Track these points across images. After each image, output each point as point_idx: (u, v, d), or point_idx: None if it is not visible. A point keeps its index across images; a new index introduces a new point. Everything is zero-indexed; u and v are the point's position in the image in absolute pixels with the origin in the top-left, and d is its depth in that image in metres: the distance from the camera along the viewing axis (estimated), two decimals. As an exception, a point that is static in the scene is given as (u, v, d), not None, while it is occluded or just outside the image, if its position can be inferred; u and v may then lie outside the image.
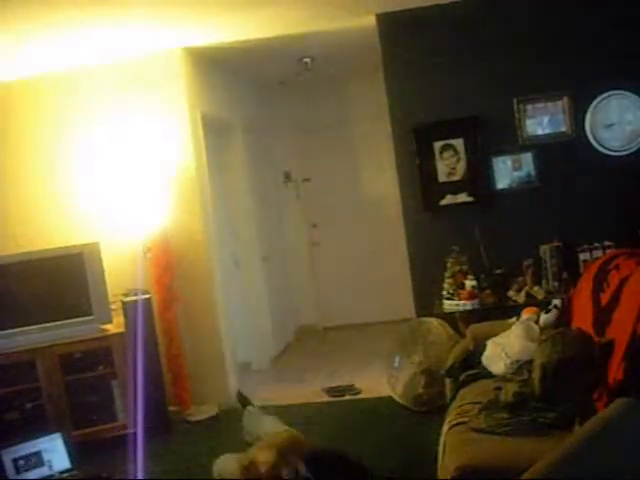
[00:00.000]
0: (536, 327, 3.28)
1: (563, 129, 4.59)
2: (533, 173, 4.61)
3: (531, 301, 4.13)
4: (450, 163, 4.69)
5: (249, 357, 6.06)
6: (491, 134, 4.61)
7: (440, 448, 2.72)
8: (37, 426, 4.00)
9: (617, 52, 4.46)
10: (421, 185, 4.71)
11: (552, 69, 4.56)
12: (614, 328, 2.65)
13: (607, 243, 4.31)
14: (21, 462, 3.63)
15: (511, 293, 4.36)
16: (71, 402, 4.24)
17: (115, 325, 4.43)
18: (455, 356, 3.61)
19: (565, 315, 3.30)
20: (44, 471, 3.66)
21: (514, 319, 3.56)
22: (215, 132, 5.64)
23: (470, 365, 3.39)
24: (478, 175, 4.65)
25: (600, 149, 4.54)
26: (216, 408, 4.81)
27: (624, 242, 4.00)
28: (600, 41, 4.49)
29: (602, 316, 2.81)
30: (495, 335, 3.38)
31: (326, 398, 4.88)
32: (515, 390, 2.73)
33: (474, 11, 4.61)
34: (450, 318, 4.42)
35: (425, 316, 4.56)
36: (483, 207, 4.66)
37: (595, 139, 4.54)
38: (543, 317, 3.37)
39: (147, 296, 4.50)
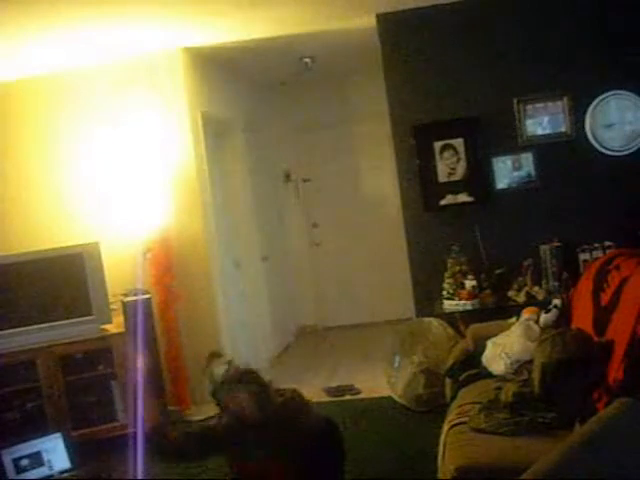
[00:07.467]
0: (536, 327, 3.28)
1: (563, 129, 4.59)
2: (533, 173, 4.61)
3: (531, 301, 4.13)
4: (450, 163, 4.69)
5: (249, 357, 6.05)
6: (491, 134, 4.62)
7: (440, 448, 2.72)
8: (37, 426, 4.00)
9: (617, 52, 4.46)
10: (421, 185, 4.71)
11: (552, 69, 4.56)
12: (614, 328, 2.65)
13: (607, 243, 4.31)
14: (21, 462, 3.62)
15: (511, 293, 4.36)
16: (71, 402, 4.23)
17: (115, 325, 4.42)
18: (455, 356, 3.61)
19: (565, 315, 3.30)
20: (44, 471, 3.65)
21: (514, 319, 3.56)
22: (215, 132, 5.63)
23: (470, 365, 3.40)
24: (478, 175, 4.65)
25: (600, 149, 4.54)
26: (216, 408, 4.79)
27: (624, 242, 4.00)
28: (600, 41, 4.49)
29: (602, 316, 2.81)
30: (495, 335, 3.38)
31: (326, 398, 4.88)
32: (515, 390, 2.74)
33: (474, 11, 4.62)
34: (450, 318, 4.42)
35: (425, 316, 4.56)
36: (483, 207, 4.66)
37: (595, 139, 4.54)
38: (543, 317, 3.36)
39: (147, 296, 4.50)
